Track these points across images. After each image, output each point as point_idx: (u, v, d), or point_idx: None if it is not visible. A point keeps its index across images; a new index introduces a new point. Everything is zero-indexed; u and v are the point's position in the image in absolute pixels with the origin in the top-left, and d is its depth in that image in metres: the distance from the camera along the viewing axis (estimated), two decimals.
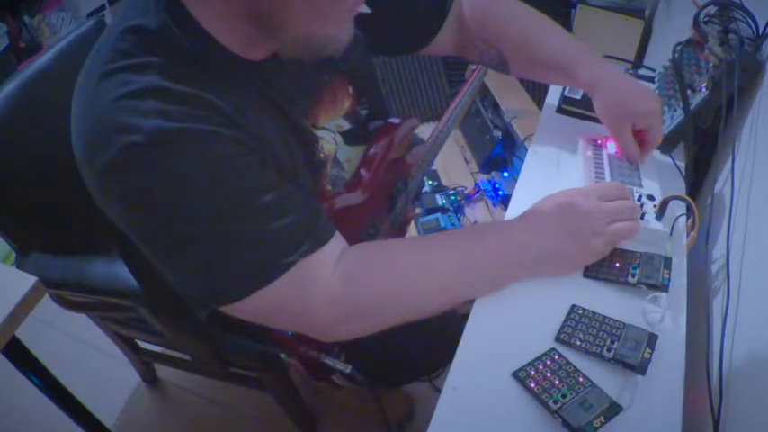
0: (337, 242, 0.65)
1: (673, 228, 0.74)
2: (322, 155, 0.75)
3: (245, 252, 0.58)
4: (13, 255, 0.95)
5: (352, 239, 0.68)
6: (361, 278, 0.64)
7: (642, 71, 1.13)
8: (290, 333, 0.84)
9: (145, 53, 0.56)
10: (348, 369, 0.80)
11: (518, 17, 0.88)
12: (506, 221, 0.73)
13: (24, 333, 0.81)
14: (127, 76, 0.55)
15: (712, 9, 0.93)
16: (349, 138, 0.83)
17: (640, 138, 0.82)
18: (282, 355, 0.85)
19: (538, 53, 0.86)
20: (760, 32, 0.84)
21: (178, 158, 0.54)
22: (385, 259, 0.67)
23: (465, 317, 0.66)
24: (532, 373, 0.60)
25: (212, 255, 0.58)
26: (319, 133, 0.77)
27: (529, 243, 0.68)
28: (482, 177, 1.79)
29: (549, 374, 0.59)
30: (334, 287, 0.62)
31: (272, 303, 0.61)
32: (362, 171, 0.83)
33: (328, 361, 0.81)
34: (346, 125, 0.83)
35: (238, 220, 0.57)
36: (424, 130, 1.01)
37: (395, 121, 0.87)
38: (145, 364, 1.40)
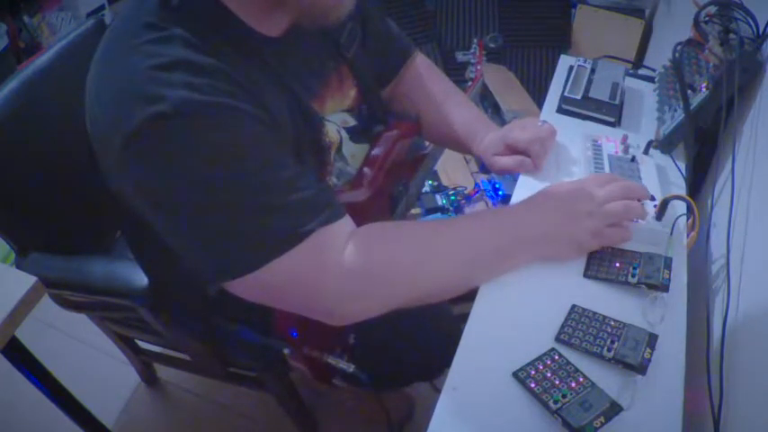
0: (348, 220, 0.66)
1: (673, 228, 0.74)
2: (327, 138, 0.76)
3: (264, 221, 0.59)
4: (13, 255, 0.95)
5: None
6: (373, 250, 0.65)
7: (642, 71, 1.13)
8: (293, 334, 0.84)
9: (170, 25, 0.58)
10: (351, 368, 0.80)
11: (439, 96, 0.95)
12: (506, 206, 0.77)
13: (24, 333, 0.81)
14: (154, 48, 0.57)
15: (712, 9, 0.93)
16: (354, 135, 0.84)
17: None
18: (286, 351, 0.85)
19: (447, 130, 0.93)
20: (760, 32, 0.84)
21: (203, 130, 0.56)
22: (395, 234, 0.69)
23: (464, 317, 0.66)
24: (532, 373, 0.60)
25: (232, 224, 0.59)
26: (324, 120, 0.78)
27: (524, 219, 0.71)
28: (482, 177, 1.79)
29: (549, 374, 0.59)
30: (347, 259, 0.63)
31: (286, 275, 0.61)
32: (366, 170, 0.83)
33: (331, 360, 0.81)
34: (351, 121, 0.84)
35: (260, 192, 0.59)
36: None
37: (396, 125, 0.88)
38: (145, 364, 1.40)
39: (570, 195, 0.71)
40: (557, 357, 0.61)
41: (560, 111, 0.99)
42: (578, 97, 0.97)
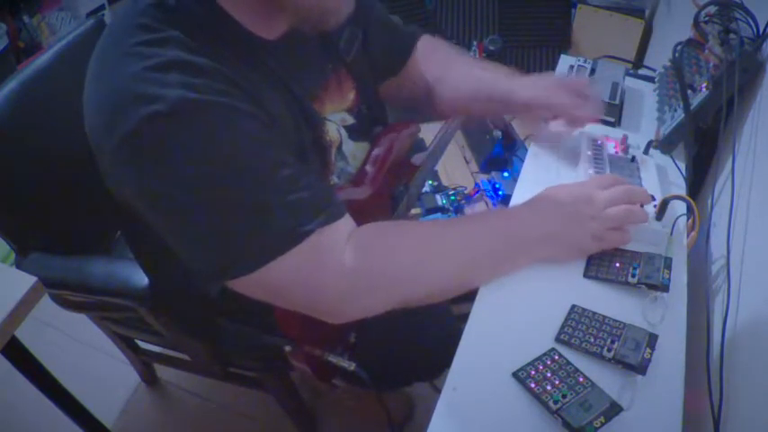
0: (349, 219, 0.66)
1: (673, 228, 0.74)
2: (328, 137, 0.77)
3: (263, 221, 0.59)
4: (13, 255, 0.95)
5: None
6: (373, 249, 0.65)
7: (642, 71, 1.13)
8: (294, 332, 0.84)
9: (165, 27, 0.58)
10: (352, 367, 0.80)
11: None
12: (508, 207, 0.78)
13: (24, 333, 0.81)
14: (149, 50, 0.57)
15: (712, 9, 0.93)
16: (353, 133, 0.84)
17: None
18: (288, 348, 0.85)
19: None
20: (760, 32, 0.84)
21: (200, 129, 0.56)
22: (396, 233, 0.69)
23: (464, 317, 0.66)
24: (532, 373, 0.60)
25: (231, 224, 0.59)
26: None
27: (525, 221, 0.71)
28: (482, 177, 1.79)
29: (549, 374, 0.59)
30: (348, 258, 0.63)
31: (286, 275, 0.61)
32: (368, 167, 0.83)
33: (332, 359, 0.81)
34: (350, 119, 0.84)
35: (259, 191, 0.59)
36: (428, 130, 1.01)
37: (396, 125, 0.88)
38: (145, 364, 1.40)
39: (572, 198, 0.71)
40: (557, 357, 0.61)
41: None
42: None
